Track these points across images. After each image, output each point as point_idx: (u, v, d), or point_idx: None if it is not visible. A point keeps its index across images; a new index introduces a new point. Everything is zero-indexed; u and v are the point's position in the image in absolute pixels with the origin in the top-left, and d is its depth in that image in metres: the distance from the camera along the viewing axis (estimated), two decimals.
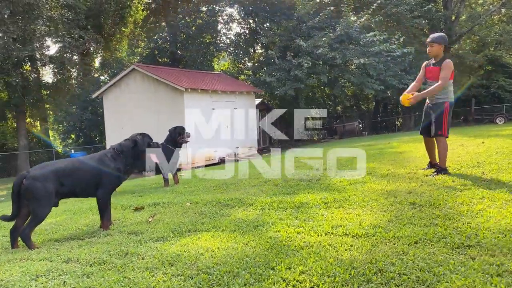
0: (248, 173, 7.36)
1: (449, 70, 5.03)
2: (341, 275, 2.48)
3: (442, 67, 5.06)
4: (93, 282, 2.72)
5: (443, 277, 2.34)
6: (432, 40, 5.22)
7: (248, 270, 2.70)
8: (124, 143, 4.31)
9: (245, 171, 7.72)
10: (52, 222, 4.96)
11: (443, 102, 5.14)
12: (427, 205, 3.88)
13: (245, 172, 7.59)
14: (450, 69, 5.04)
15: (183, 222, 4.11)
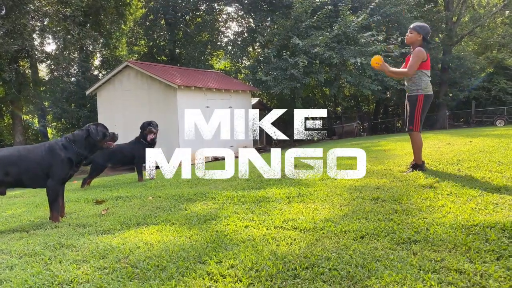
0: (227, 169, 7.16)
1: (417, 59, 4.74)
2: (269, 269, 2.29)
3: (412, 55, 4.83)
4: (11, 274, 2.55)
5: (374, 272, 2.14)
6: (412, 26, 4.98)
7: (176, 264, 2.52)
8: (77, 133, 4.13)
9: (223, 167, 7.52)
10: (9, 214, 4.80)
11: (416, 95, 4.91)
12: (390, 200, 3.69)
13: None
14: (418, 57, 4.74)
15: (135, 216, 3.94)
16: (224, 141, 19.34)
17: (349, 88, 28.37)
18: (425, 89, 4.88)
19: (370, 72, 20.50)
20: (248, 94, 21.11)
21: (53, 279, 2.42)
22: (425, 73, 4.88)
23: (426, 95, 4.91)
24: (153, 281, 2.31)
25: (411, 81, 4.94)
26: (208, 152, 17.34)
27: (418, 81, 4.87)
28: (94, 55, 28.56)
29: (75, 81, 25.89)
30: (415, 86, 4.89)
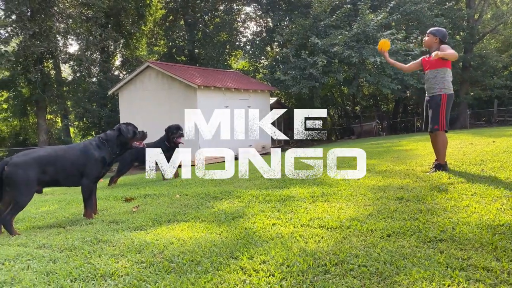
0: (248, 168, 7.29)
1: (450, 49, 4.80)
2: (300, 265, 2.39)
3: (441, 48, 4.86)
4: (56, 267, 2.71)
5: (403, 269, 2.23)
6: (429, 31, 5.09)
7: (210, 259, 2.64)
8: (109, 132, 4.31)
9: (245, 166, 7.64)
10: (44, 210, 5.02)
11: (439, 94, 4.95)
12: (414, 200, 3.75)
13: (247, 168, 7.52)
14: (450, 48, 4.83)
15: (165, 213, 4.09)
16: (243, 140, 19.45)
17: (368, 87, 28.22)
18: (448, 88, 4.94)
19: (389, 71, 20.34)
20: (266, 94, 21.21)
21: (95, 272, 2.58)
22: (449, 72, 4.94)
23: (449, 94, 4.95)
24: (189, 274, 2.44)
25: (435, 80, 4.98)
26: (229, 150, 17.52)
27: (442, 79, 4.92)
28: (115, 56, 29.05)
29: (96, 81, 26.41)
30: (439, 85, 4.93)
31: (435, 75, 4.97)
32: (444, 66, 4.90)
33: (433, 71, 4.99)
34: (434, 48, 4.96)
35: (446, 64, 4.91)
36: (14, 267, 2.76)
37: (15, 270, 2.71)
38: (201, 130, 16.97)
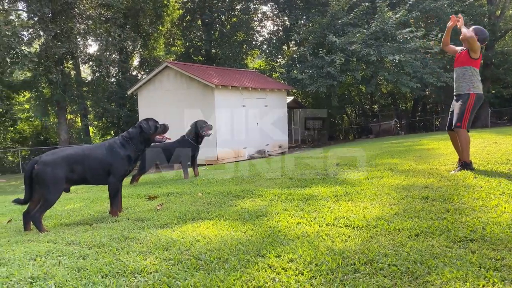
0: (267, 168, 7.32)
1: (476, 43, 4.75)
2: (328, 264, 2.39)
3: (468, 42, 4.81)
4: (86, 263, 2.76)
5: (434, 269, 2.20)
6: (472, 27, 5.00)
7: (237, 257, 2.66)
8: (131, 130, 4.37)
9: (264, 166, 7.67)
10: (69, 208, 5.11)
11: (468, 93, 4.88)
12: (440, 199, 3.70)
13: (265, 167, 7.55)
14: (476, 43, 4.76)
15: (189, 211, 4.12)
16: (260, 139, 19.52)
17: (386, 86, 27.90)
18: (476, 87, 4.87)
19: (408, 69, 20.07)
20: (283, 93, 21.18)
21: (124, 268, 2.62)
22: (477, 71, 4.88)
23: (477, 94, 4.88)
24: (218, 272, 2.45)
25: (464, 78, 4.92)
26: (246, 149, 17.51)
27: (470, 78, 4.87)
28: (133, 56, 29.41)
29: (115, 81, 26.78)
30: (467, 84, 4.87)
31: (463, 73, 4.91)
32: (471, 65, 4.85)
33: (462, 69, 4.94)
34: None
35: (474, 64, 4.85)
36: (45, 263, 2.83)
37: (47, 265, 2.77)
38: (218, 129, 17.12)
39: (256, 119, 18.70)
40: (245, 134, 17.98)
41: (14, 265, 2.79)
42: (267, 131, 19.32)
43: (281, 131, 20.78)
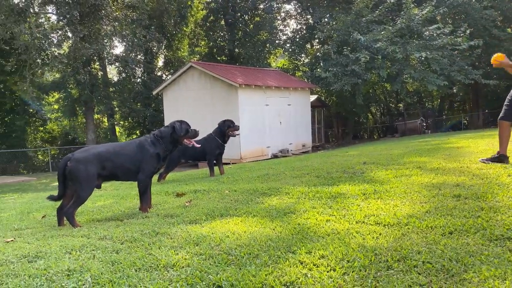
0: (292, 166, 7.31)
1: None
2: (361, 261, 2.37)
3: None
4: (120, 257, 2.82)
5: (471, 267, 2.16)
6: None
7: (268, 253, 2.67)
8: (163, 130, 4.44)
9: (289, 164, 7.66)
10: (100, 205, 5.23)
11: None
12: (473, 197, 3.61)
13: (290, 166, 7.54)
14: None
15: (217, 207, 4.16)
16: (283, 138, 19.51)
17: (412, 84, 27.40)
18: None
19: (435, 66, 19.66)
20: (307, 92, 21.09)
21: (157, 263, 2.66)
22: None
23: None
24: (249, 267, 2.47)
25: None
26: (270, 148, 17.54)
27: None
28: (158, 57, 29.82)
29: (141, 82, 27.24)
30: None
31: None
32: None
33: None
34: None
35: None
36: (81, 256, 2.90)
37: (82, 259, 2.84)
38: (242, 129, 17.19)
39: (279, 118, 18.69)
40: (268, 133, 17.99)
41: (51, 258, 2.87)
42: (290, 130, 19.29)
43: (305, 130, 20.70)
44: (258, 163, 10.56)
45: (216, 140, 7.17)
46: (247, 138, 16.79)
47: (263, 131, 17.76)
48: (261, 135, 17.61)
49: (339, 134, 30.27)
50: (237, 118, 16.33)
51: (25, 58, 15.21)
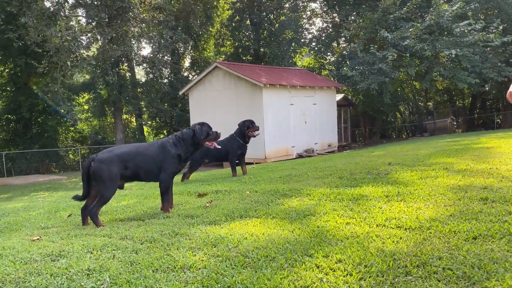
0: (315, 167, 7.24)
1: None
2: (378, 266, 2.31)
3: None
4: (138, 257, 2.86)
5: (494, 274, 2.07)
6: None
7: (285, 256, 2.64)
8: (185, 131, 4.48)
9: (313, 164, 7.60)
10: (124, 204, 5.33)
11: None
12: (501, 201, 3.48)
13: (313, 166, 7.48)
14: None
15: (237, 208, 4.16)
16: (308, 138, 19.34)
17: (442, 82, 26.69)
18: None
19: (466, 64, 19.06)
20: (332, 91, 20.86)
21: (174, 263, 2.68)
22: None
23: None
24: (265, 270, 2.45)
25: None
26: (295, 148, 17.43)
27: None
28: (184, 57, 30.16)
29: (167, 82, 27.62)
30: None
31: None
32: None
33: None
34: None
35: None
36: (101, 256, 2.96)
37: (103, 259, 2.90)
38: (266, 128, 17.16)
39: (304, 117, 18.57)
40: (293, 132, 17.91)
41: (73, 257, 2.94)
42: (315, 130, 19.14)
43: (331, 130, 20.49)
44: (281, 163, 10.52)
45: (238, 140, 7.19)
46: (272, 138, 16.77)
47: (287, 131, 17.69)
48: (285, 134, 17.55)
49: (366, 134, 29.81)
50: (261, 118, 16.34)
51: (56, 60, 15.69)
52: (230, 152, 7.26)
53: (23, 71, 21.46)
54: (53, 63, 17.21)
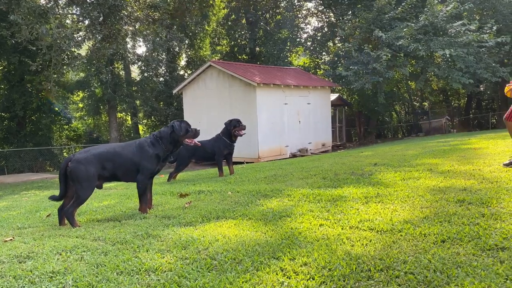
0: (302, 167, 7.21)
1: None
2: (342, 269, 2.28)
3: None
4: (106, 259, 2.82)
5: (454, 279, 2.04)
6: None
7: (252, 258, 2.61)
8: (163, 130, 4.44)
9: (300, 164, 7.57)
10: (105, 204, 5.29)
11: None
12: (477, 203, 3.45)
13: (301, 166, 7.45)
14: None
15: (215, 209, 4.13)
16: (302, 138, 19.29)
17: (437, 82, 26.72)
18: None
19: (460, 64, 19.06)
20: (327, 90, 20.84)
21: (140, 266, 2.65)
22: None
23: None
24: (229, 273, 2.42)
25: None
26: (288, 147, 17.38)
27: None
28: (180, 56, 30.06)
29: (163, 81, 27.53)
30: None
31: None
32: None
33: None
34: None
35: None
36: (69, 258, 2.92)
37: (70, 260, 2.86)
38: (260, 128, 17.14)
39: (298, 117, 18.54)
40: (287, 132, 17.88)
41: (39, 259, 2.90)
42: (309, 129, 19.11)
43: (325, 129, 20.47)
44: (271, 163, 10.49)
45: (224, 140, 7.15)
46: (265, 137, 16.73)
47: (281, 130, 17.66)
48: (279, 134, 17.51)
49: (362, 133, 29.81)
50: (255, 117, 16.31)
51: (48, 58, 15.60)
52: (217, 152, 7.22)
53: (17, 69, 21.36)
54: (46, 61, 17.12)
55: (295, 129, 18.35)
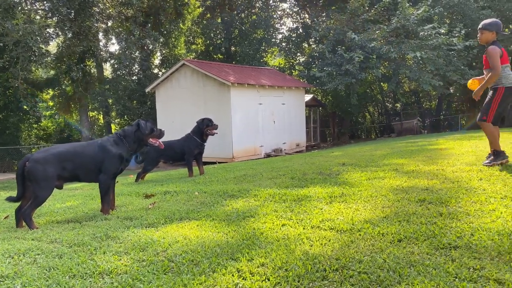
0: (273, 167, 7.21)
1: (495, 57, 4.72)
2: (297, 270, 2.28)
3: (487, 55, 4.76)
4: (60, 262, 2.74)
5: (406, 278, 2.06)
6: (482, 26, 4.94)
7: (209, 260, 2.58)
8: (127, 128, 4.35)
9: (271, 165, 7.56)
10: (68, 205, 5.14)
11: (496, 87, 4.86)
12: (437, 202, 3.52)
13: (271, 166, 7.45)
14: (495, 55, 4.73)
15: (179, 210, 4.07)
16: (277, 138, 19.31)
17: (409, 84, 27.28)
18: (506, 82, 4.78)
19: (430, 66, 19.51)
20: (301, 91, 20.97)
21: (95, 269, 2.57)
22: (504, 67, 4.76)
23: (507, 87, 4.82)
24: (185, 275, 2.38)
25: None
26: (263, 147, 17.36)
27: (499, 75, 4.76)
28: (154, 54, 29.65)
29: (136, 79, 27.06)
30: (498, 80, 4.79)
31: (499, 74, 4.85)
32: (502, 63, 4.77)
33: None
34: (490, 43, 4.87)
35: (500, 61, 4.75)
36: (21, 261, 2.82)
37: (21, 264, 2.76)
38: (234, 127, 17.09)
39: (273, 117, 18.58)
40: (261, 132, 17.89)
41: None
42: (284, 129, 19.18)
43: (299, 130, 20.59)
44: (242, 163, 10.46)
45: (195, 139, 7.07)
46: (240, 137, 16.69)
47: (256, 130, 17.65)
48: (254, 134, 17.51)
49: (335, 134, 30.14)
50: (229, 117, 16.24)
51: (15, 54, 15.10)
52: (187, 151, 7.13)
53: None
54: (13, 58, 16.59)
55: (270, 129, 18.38)
